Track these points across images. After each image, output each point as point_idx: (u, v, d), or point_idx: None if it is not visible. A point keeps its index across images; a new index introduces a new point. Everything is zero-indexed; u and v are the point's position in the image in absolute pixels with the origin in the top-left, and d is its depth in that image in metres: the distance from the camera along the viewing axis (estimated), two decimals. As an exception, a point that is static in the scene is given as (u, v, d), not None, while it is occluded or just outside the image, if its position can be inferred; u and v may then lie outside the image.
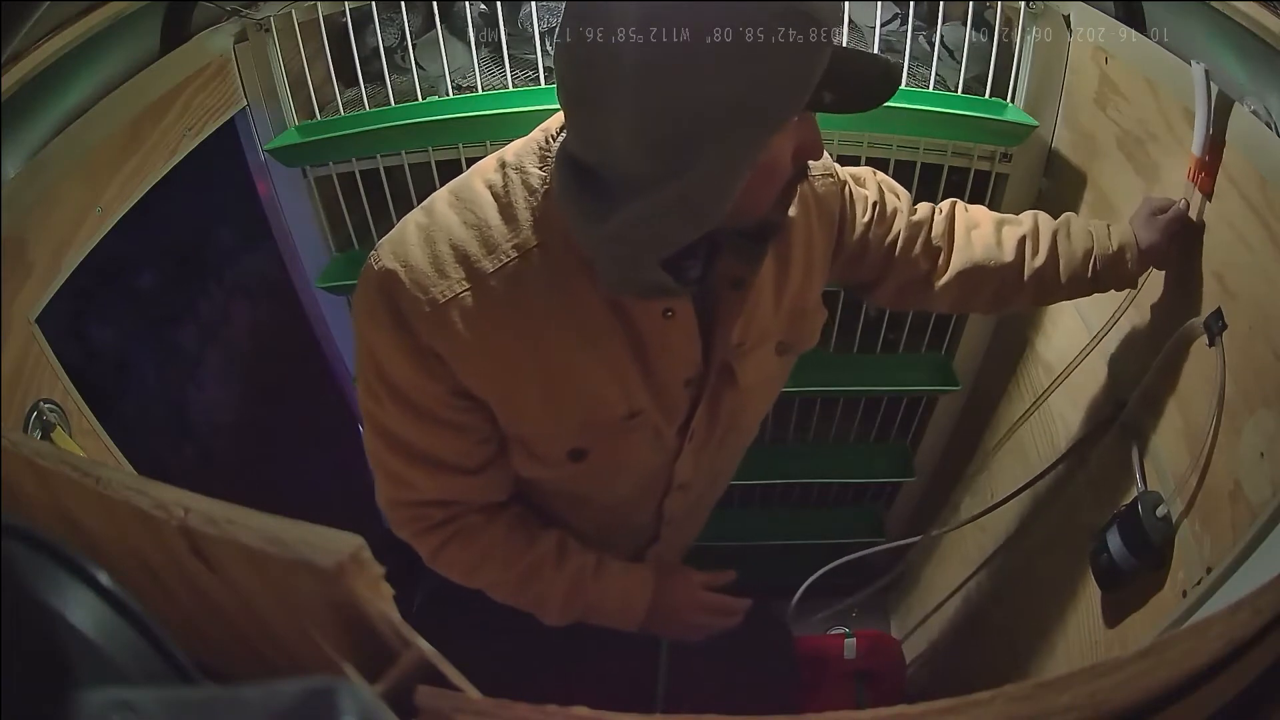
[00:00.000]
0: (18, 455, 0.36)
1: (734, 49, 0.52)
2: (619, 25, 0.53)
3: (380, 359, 0.71)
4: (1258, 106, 0.84)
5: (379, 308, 0.69)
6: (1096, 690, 0.30)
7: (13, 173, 0.85)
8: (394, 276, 0.68)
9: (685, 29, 0.51)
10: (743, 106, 0.54)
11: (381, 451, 0.77)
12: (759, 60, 0.53)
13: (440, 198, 0.72)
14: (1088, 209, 1.17)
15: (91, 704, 0.23)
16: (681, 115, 0.54)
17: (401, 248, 0.69)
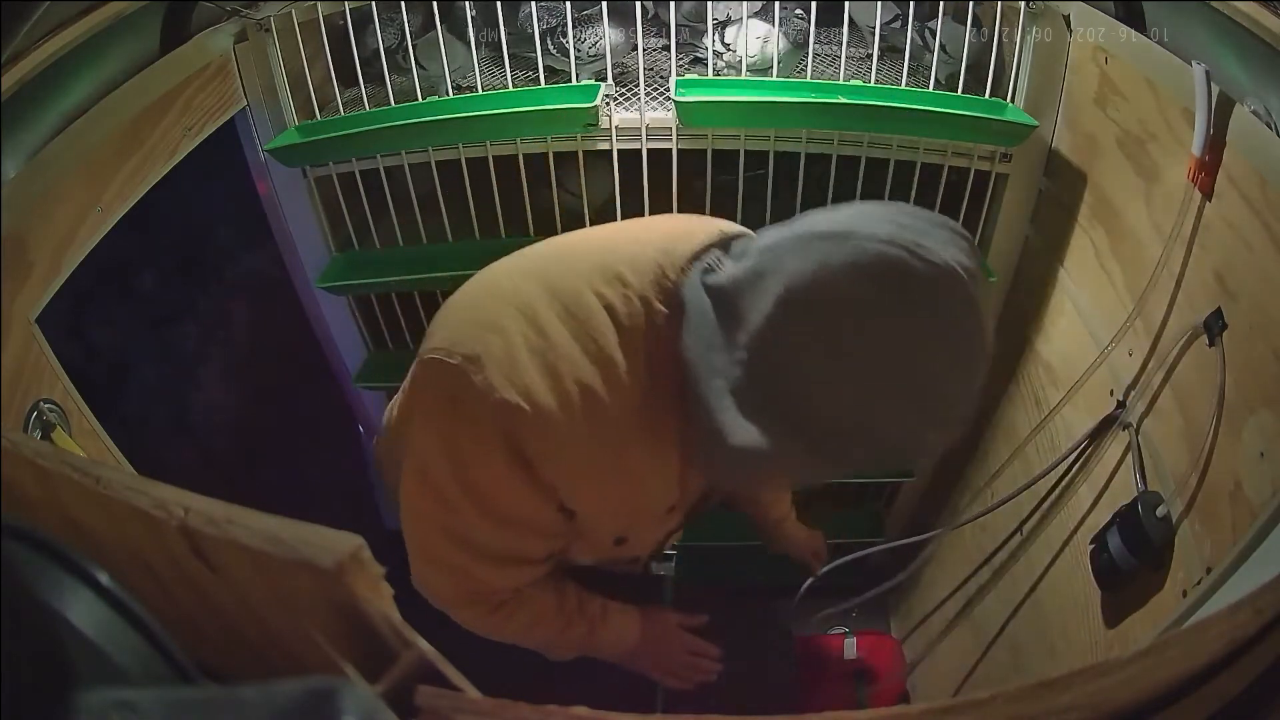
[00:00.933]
0: (18, 455, 0.36)
1: (928, 415, 0.61)
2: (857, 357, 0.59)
3: (477, 482, 0.70)
4: (1258, 107, 0.84)
5: (492, 441, 0.67)
6: (1096, 690, 0.30)
7: (13, 173, 0.85)
8: (518, 413, 0.65)
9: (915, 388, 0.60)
10: (900, 452, 0.67)
11: (449, 554, 0.75)
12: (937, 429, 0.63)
13: (547, 309, 0.68)
14: (1088, 209, 1.18)
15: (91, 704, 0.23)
16: (864, 439, 0.62)
17: (519, 377, 0.65)
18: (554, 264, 0.72)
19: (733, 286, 0.63)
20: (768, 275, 0.61)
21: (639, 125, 1.26)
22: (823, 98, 1.21)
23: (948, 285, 0.57)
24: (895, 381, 0.59)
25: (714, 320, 0.64)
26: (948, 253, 0.58)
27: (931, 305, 0.58)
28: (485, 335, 0.67)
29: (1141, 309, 0.98)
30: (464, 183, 1.31)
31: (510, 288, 0.71)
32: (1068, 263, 1.23)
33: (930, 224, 0.61)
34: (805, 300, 0.59)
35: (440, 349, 0.69)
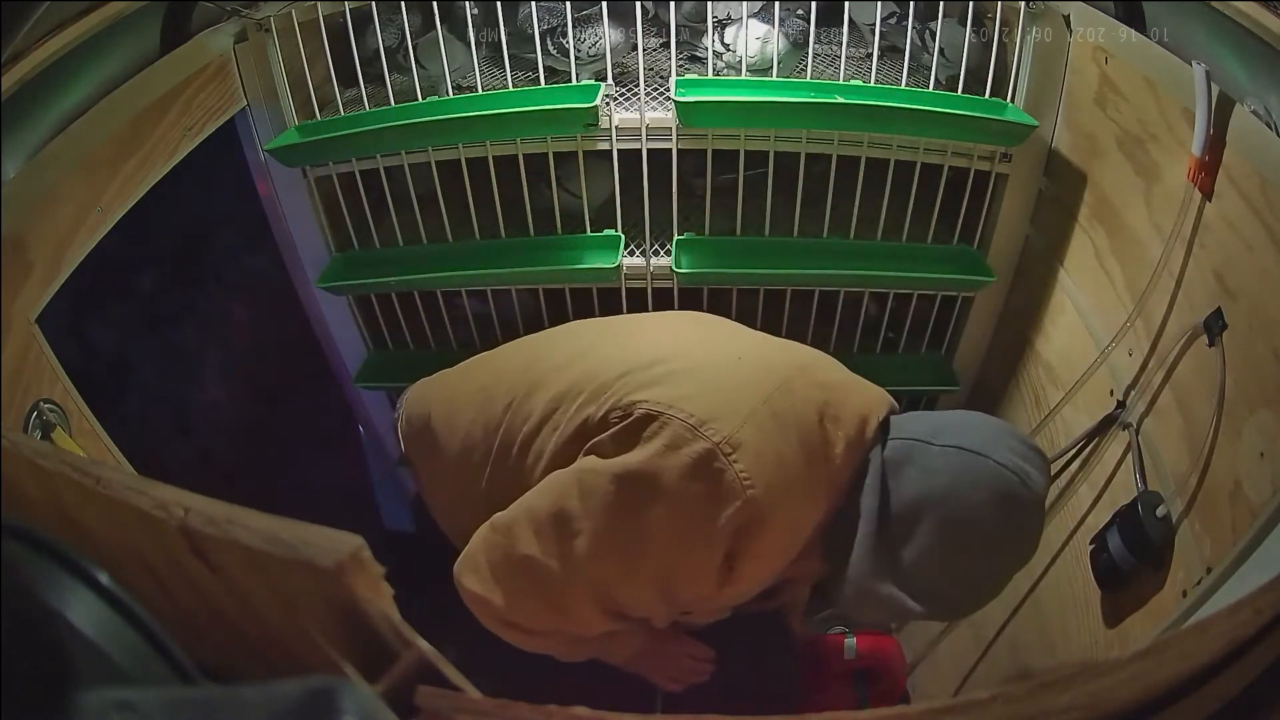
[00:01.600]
0: (18, 455, 0.36)
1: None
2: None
3: (684, 561, 0.75)
4: (1258, 107, 0.84)
5: (728, 531, 0.74)
6: (1096, 690, 0.30)
7: (13, 173, 0.85)
8: (763, 513, 0.75)
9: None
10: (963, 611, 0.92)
11: (585, 609, 0.79)
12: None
13: (793, 426, 0.78)
14: (1088, 209, 1.18)
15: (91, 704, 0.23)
16: (951, 605, 0.85)
17: (774, 483, 0.75)
18: (796, 376, 0.82)
19: (895, 466, 0.82)
20: (925, 470, 0.81)
21: (639, 125, 1.26)
22: (823, 98, 1.21)
23: (1037, 509, 0.81)
24: (984, 568, 0.82)
25: (883, 490, 0.81)
26: (1040, 480, 0.80)
27: (1022, 525, 0.81)
28: (745, 424, 0.75)
29: (1141, 309, 0.98)
30: (464, 183, 1.31)
31: (762, 381, 0.80)
32: (1068, 263, 1.23)
33: (1030, 450, 0.82)
34: (947, 511, 0.79)
35: (684, 411, 0.75)
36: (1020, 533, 0.81)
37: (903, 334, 1.47)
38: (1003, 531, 0.80)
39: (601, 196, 1.36)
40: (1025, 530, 0.81)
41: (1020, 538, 0.82)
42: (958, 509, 0.78)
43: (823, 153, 1.27)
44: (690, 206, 1.38)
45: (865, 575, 0.80)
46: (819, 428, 0.80)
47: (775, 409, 0.78)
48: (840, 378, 0.88)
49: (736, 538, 0.75)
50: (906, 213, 1.31)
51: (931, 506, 0.79)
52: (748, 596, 0.87)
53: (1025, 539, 0.82)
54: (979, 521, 0.78)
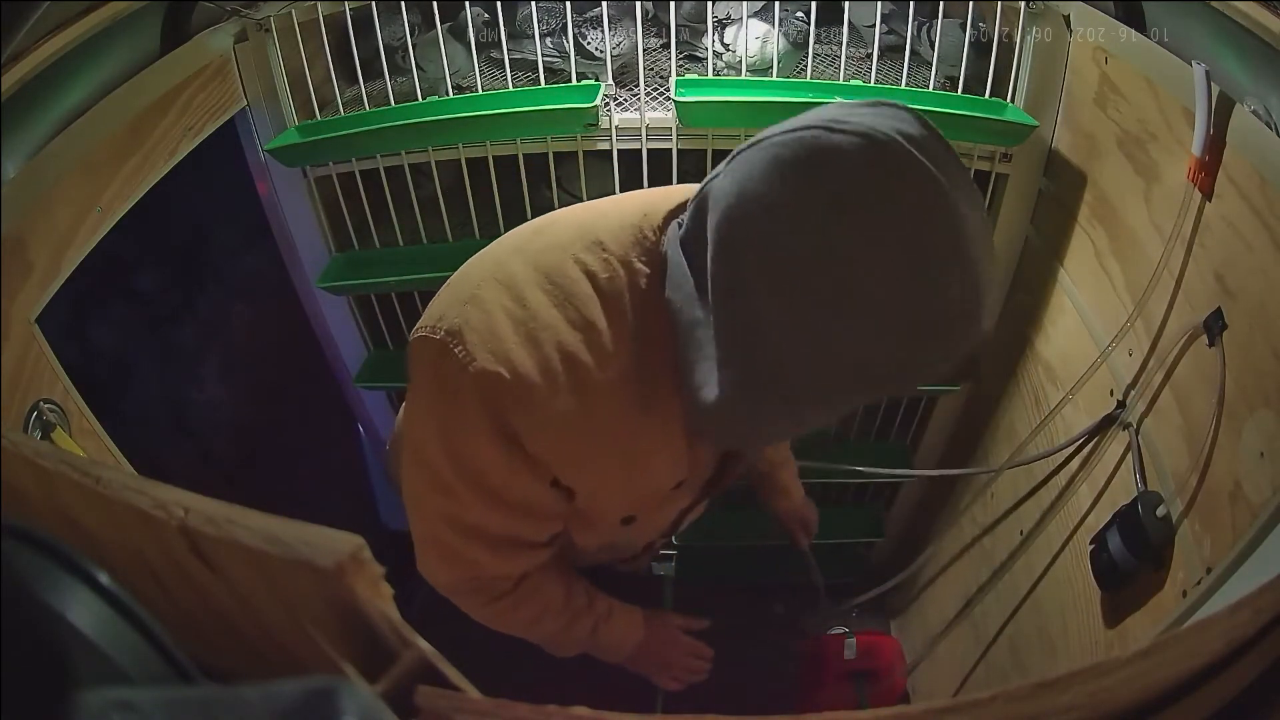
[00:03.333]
0: (18, 455, 0.36)
1: (910, 345, 0.53)
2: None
3: (471, 463, 0.67)
4: (1258, 107, 0.84)
5: (475, 414, 0.64)
6: (1096, 690, 0.29)
7: (13, 173, 0.85)
8: (498, 382, 0.63)
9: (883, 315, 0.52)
10: (893, 380, 0.56)
11: (455, 541, 0.73)
12: (924, 357, 0.54)
13: (528, 281, 0.65)
14: (1088, 209, 1.18)
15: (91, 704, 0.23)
16: (840, 369, 0.55)
17: (499, 346, 0.63)
18: (535, 237, 0.69)
19: (685, 232, 0.61)
20: (701, 207, 0.58)
21: (639, 125, 1.26)
22: (822, 98, 1.21)
23: (880, 155, 0.49)
24: (850, 288, 0.51)
25: (687, 269, 0.61)
26: (879, 123, 0.50)
27: (864, 183, 0.49)
28: (465, 308, 0.65)
29: (1141, 310, 0.98)
30: (464, 183, 1.31)
31: (492, 262, 0.69)
32: (1068, 263, 1.23)
33: (864, 105, 0.53)
34: (731, 212, 0.54)
35: (425, 326, 0.67)
36: (850, 200, 0.50)
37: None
38: (816, 207, 0.50)
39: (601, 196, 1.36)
40: (860, 194, 0.50)
41: (858, 210, 0.50)
42: (748, 221, 0.53)
43: (823, 153, 1.27)
44: (690, 206, 1.38)
45: (690, 379, 0.60)
46: (570, 262, 0.65)
47: (501, 275, 0.66)
48: (618, 201, 0.72)
49: (499, 420, 0.64)
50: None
51: (722, 242, 0.55)
52: (651, 480, 0.76)
53: (871, 209, 0.50)
54: (774, 213, 0.52)
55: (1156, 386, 0.96)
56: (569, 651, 0.90)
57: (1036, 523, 1.22)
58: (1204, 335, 0.86)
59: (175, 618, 0.33)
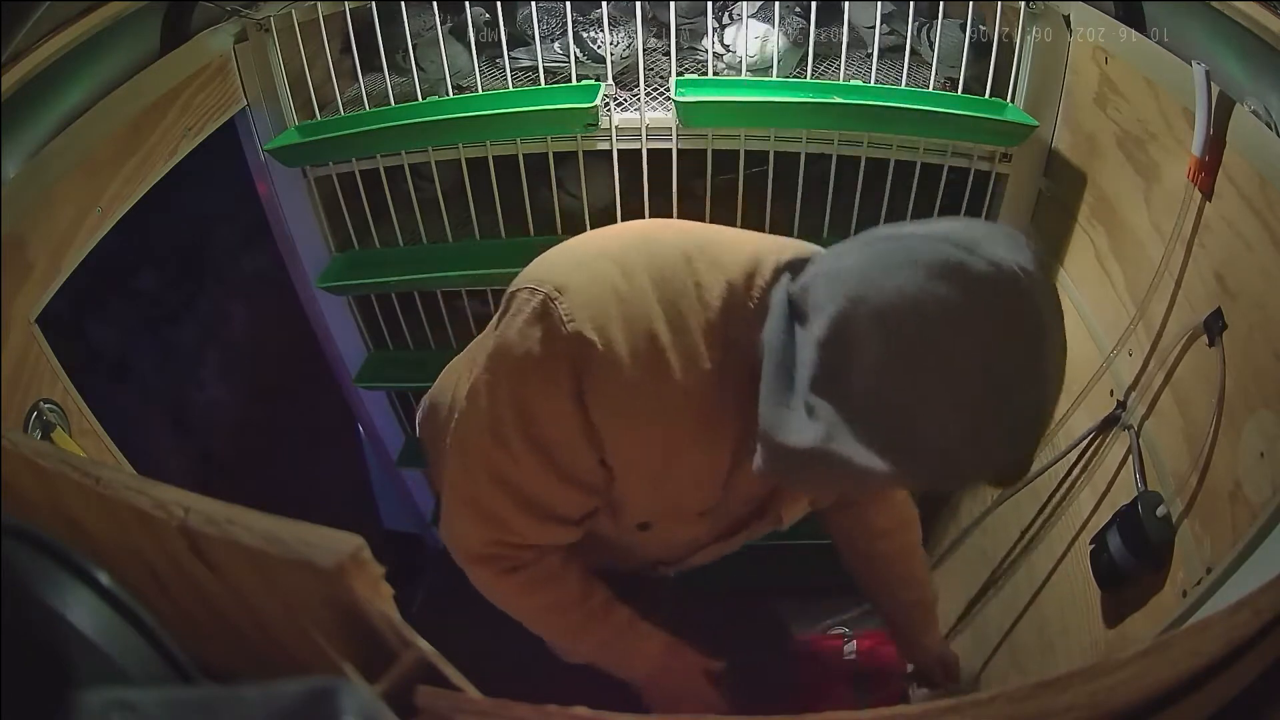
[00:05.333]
0: (18, 455, 0.36)
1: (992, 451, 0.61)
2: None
3: (536, 416, 0.69)
4: (1258, 107, 0.84)
5: (561, 373, 0.67)
6: (1096, 690, 0.30)
7: (13, 173, 0.85)
8: (589, 348, 0.66)
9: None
10: (957, 473, 0.65)
11: (493, 497, 0.75)
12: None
13: (641, 269, 0.69)
14: (1088, 209, 1.18)
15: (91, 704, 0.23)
16: (917, 446, 0.61)
17: (600, 315, 0.67)
18: (659, 230, 0.73)
19: (800, 288, 0.66)
20: (829, 273, 0.63)
21: (639, 125, 1.26)
22: (822, 98, 1.21)
23: (1008, 286, 0.58)
24: (952, 386, 0.58)
25: (788, 319, 0.67)
26: (1009, 255, 0.58)
27: (991, 306, 0.58)
28: (575, 272, 0.69)
29: (1143, 311, 0.98)
30: (464, 183, 1.31)
31: (611, 236, 0.73)
32: (1068, 263, 1.22)
33: (990, 229, 0.61)
34: (861, 295, 0.60)
35: (531, 279, 0.70)
36: (987, 320, 0.58)
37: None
38: (960, 319, 0.57)
39: (602, 197, 1.36)
40: (994, 315, 0.58)
41: (991, 330, 0.58)
42: (884, 302, 0.59)
43: (823, 153, 1.27)
44: (690, 207, 1.38)
45: (771, 431, 0.63)
46: (686, 269, 0.69)
47: (618, 254, 0.69)
48: (739, 235, 0.75)
49: (577, 382, 0.67)
50: (906, 213, 1.31)
51: (849, 314, 0.60)
52: (681, 491, 0.78)
53: (1003, 332, 0.58)
54: (917, 309, 0.57)
55: (1157, 387, 0.96)
56: (577, 656, 0.89)
57: (1037, 523, 1.22)
58: (1204, 335, 0.86)
59: (175, 618, 0.33)
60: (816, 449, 0.61)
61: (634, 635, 0.90)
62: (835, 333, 0.61)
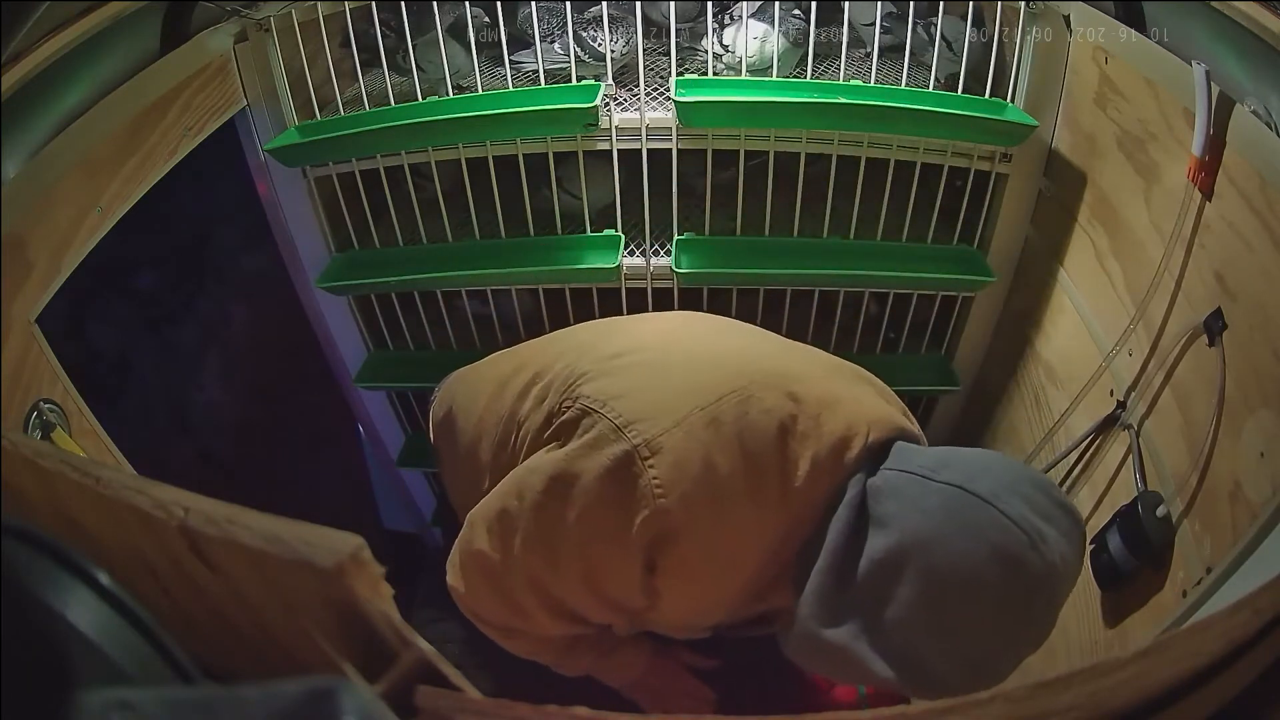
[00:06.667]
0: (18, 455, 0.36)
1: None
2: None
3: (597, 563, 0.71)
4: (1258, 107, 0.84)
5: (637, 538, 0.68)
6: (1096, 690, 0.29)
7: (13, 173, 0.85)
8: (675, 524, 0.68)
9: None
10: (946, 690, 0.68)
11: (525, 596, 0.76)
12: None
13: (735, 439, 0.70)
14: (1088, 209, 1.18)
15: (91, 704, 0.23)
16: (918, 675, 0.68)
17: (694, 496, 0.68)
18: (759, 387, 0.73)
19: (876, 490, 0.70)
20: (911, 499, 0.68)
21: (639, 125, 1.26)
22: (823, 98, 1.21)
23: (1049, 583, 0.65)
24: (969, 646, 0.66)
25: (859, 517, 0.71)
26: (1060, 548, 0.65)
27: (1027, 597, 0.64)
28: (672, 428, 0.68)
29: (1143, 312, 0.98)
30: (464, 183, 1.31)
31: (709, 385, 0.72)
32: (1068, 263, 1.23)
33: (1056, 508, 0.67)
34: (926, 543, 0.66)
35: (613, 409, 0.70)
36: (1021, 608, 0.65)
37: (903, 334, 1.47)
38: (999, 600, 0.64)
39: (602, 196, 1.36)
40: (1028, 606, 0.65)
41: (1021, 615, 0.65)
42: (943, 559, 0.65)
43: (823, 153, 1.27)
44: (690, 206, 1.38)
45: (809, 617, 0.69)
46: (778, 442, 0.70)
47: (718, 415, 0.69)
48: (829, 391, 0.76)
49: (651, 548, 0.69)
50: (906, 213, 1.31)
51: (911, 551, 0.66)
52: (701, 619, 0.83)
53: (1029, 617, 0.66)
54: (967, 581, 0.64)
55: (1157, 387, 0.96)
56: (570, 672, 0.91)
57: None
58: (1204, 335, 0.86)
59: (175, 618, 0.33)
60: (843, 646, 0.68)
61: (623, 647, 0.92)
62: (891, 560, 0.67)
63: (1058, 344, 1.25)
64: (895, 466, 0.72)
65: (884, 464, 0.73)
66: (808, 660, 0.73)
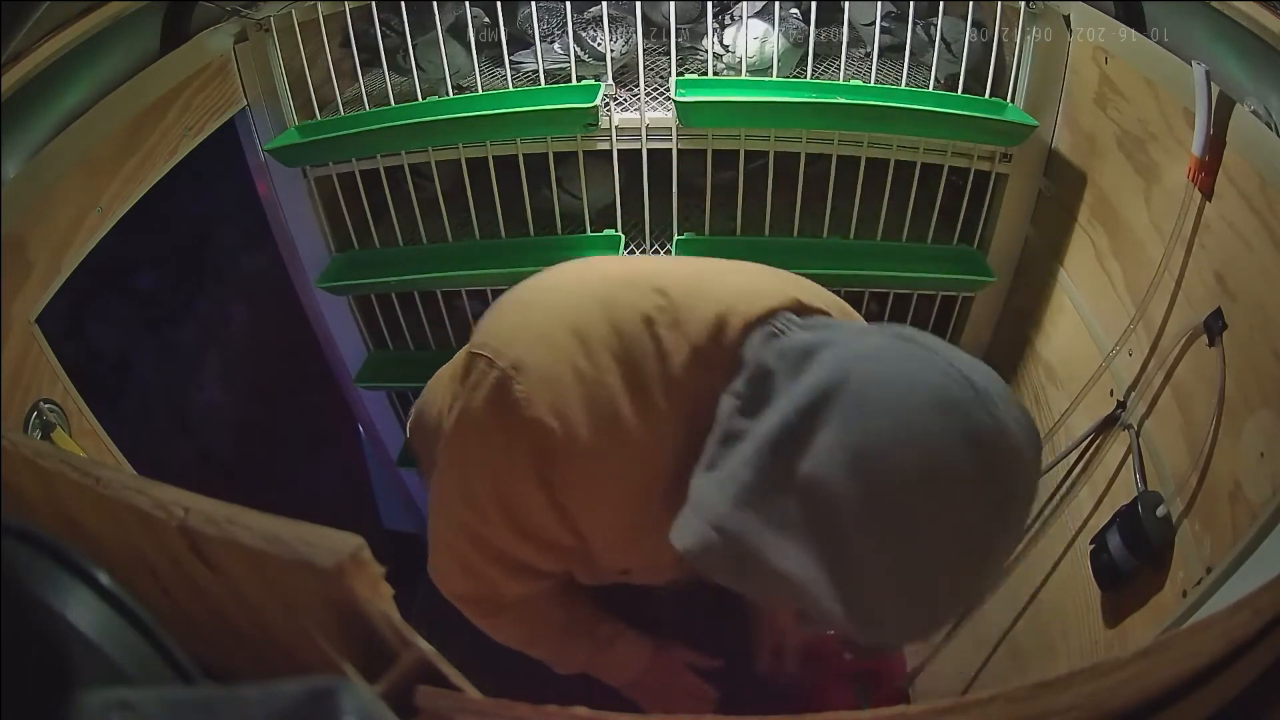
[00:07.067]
0: (18, 455, 0.36)
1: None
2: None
3: (505, 492, 0.68)
4: (1258, 107, 0.84)
5: (524, 458, 0.65)
6: (1096, 690, 0.30)
7: (13, 173, 0.85)
8: (551, 435, 0.64)
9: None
10: (886, 623, 0.55)
11: (469, 552, 0.74)
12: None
13: (602, 340, 0.65)
14: (1088, 209, 1.18)
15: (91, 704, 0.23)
16: (833, 586, 0.54)
17: (560, 399, 0.64)
18: (621, 290, 0.69)
19: (782, 359, 0.61)
20: (816, 351, 0.58)
21: (639, 125, 1.26)
22: (823, 98, 1.21)
23: (1002, 451, 0.52)
24: (899, 516, 0.52)
25: (749, 385, 0.62)
26: (1017, 423, 0.53)
27: (974, 460, 0.51)
28: (536, 345, 0.66)
29: (1143, 311, 0.98)
30: (464, 183, 1.31)
31: (572, 302, 0.69)
32: (1068, 263, 1.23)
33: (1009, 393, 0.56)
34: (852, 388, 0.54)
35: (490, 346, 0.67)
36: (966, 474, 0.51)
37: (903, 334, 1.47)
38: (937, 454, 0.51)
39: (602, 196, 1.36)
40: (975, 475, 0.51)
41: (966, 485, 0.51)
42: (873, 395, 0.53)
43: (823, 153, 1.27)
44: (690, 206, 1.38)
45: (697, 502, 0.59)
46: (647, 335, 0.65)
47: (580, 324, 0.66)
48: (700, 277, 0.70)
49: (542, 469, 0.66)
50: (906, 213, 1.31)
51: (833, 390, 0.54)
52: (643, 554, 0.78)
53: (974, 492, 0.52)
54: (901, 425, 0.51)
55: (1157, 387, 0.96)
56: (569, 670, 0.91)
57: (1037, 523, 1.22)
58: (1204, 335, 0.86)
59: (175, 618, 0.33)
60: (738, 535, 0.56)
61: (618, 646, 0.91)
62: (807, 405, 0.55)
63: (1058, 344, 1.25)
64: (806, 326, 0.64)
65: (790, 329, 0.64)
66: (702, 559, 0.60)
